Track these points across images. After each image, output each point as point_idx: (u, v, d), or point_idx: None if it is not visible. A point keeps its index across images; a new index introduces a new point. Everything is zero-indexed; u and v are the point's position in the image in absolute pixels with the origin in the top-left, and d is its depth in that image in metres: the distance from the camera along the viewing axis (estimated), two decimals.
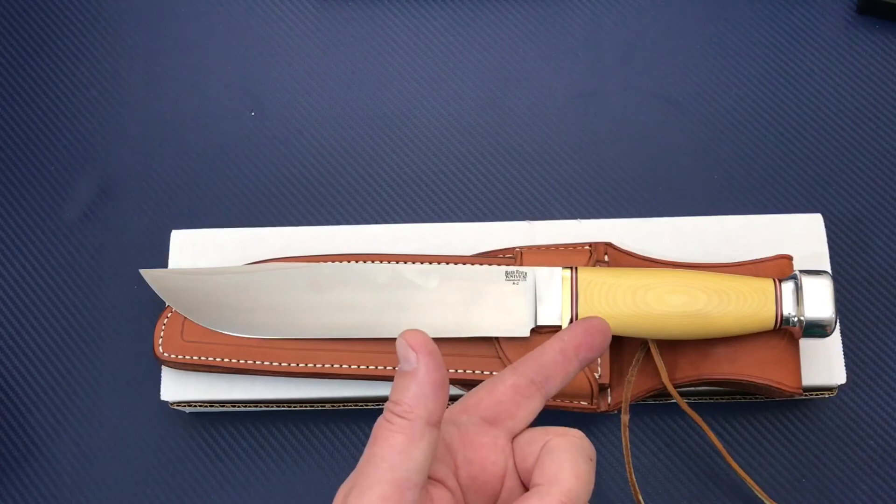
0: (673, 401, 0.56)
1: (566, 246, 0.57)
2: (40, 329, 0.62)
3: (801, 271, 0.53)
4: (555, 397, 0.54)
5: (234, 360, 0.55)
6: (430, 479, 0.36)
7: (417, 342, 0.35)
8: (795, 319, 0.52)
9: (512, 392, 0.38)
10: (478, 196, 0.65)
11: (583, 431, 0.45)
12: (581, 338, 0.39)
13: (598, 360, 0.54)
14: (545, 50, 0.69)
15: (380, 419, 0.35)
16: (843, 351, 0.56)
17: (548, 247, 0.57)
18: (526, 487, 0.37)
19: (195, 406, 0.58)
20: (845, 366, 0.56)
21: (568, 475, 0.35)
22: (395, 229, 0.60)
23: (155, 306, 0.58)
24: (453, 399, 0.58)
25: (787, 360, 0.54)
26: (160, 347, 0.56)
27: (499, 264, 0.56)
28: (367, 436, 0.59)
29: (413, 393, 0.35)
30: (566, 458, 0.36)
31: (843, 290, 0.61)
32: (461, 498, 0.37)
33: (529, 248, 0.57)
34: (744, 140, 0.66)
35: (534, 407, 0.38)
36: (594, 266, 0.55)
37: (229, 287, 0.55)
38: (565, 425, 0.57)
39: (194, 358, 0.55)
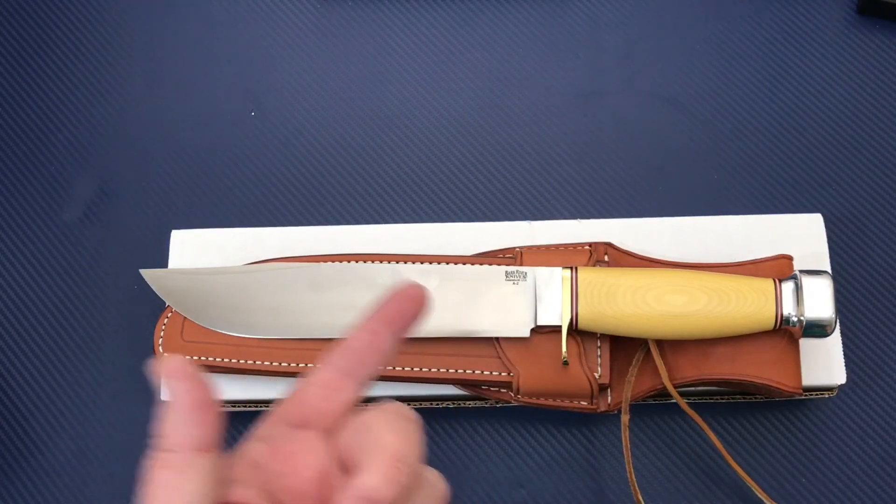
0: (673, 401, 0.55)
1: (566, 246, 0.57)
2: (40, 329, 0.62)
3: (801, 271, 0.53)
4: (555, 397, 0.55)
5: (234, 360, 0.55)
6: (231, 503, 0.34)
7: (170, 368, 0.33)
8: (795, 319, 0.52)
9: (319, 390, 0.36)
10: (478, 196, 0.65)
11: (582, 431, 0.45)
12: (391, 309, 0.37)
13: (598, 359, 0.54)
14: (545, 50, 0.69)
15: (148, 459, 0.33)
16: (843, 351, 0.56)
17: (548, 247, 0.57)
18: None
19: None
20: (845, 366, 0.56)
21: (389, 438, 0.34)
22: (395, 229, 0.60)
23: (155, 306, 0.58)
24: (454, 399, 0.58)
25: (787, 360, 0.54)
26: (160, 347, 0.56)
27: (499, 264, 0.56)
28: None
29: (171, 423, 0.33)
30: (382, 425, 0.34)
31: (843, 290, 0.61)
32: None
33: (529, 248, 0.57)
34: (744, 140, 0.66)
35: (346, 398, 0.36)
36: (594, 266, 0.55)
37: (229, 287, 0.55)
38: (565, 425, 0.57)
39: (194, 358, 0.55)
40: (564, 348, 0.53)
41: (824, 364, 0.56)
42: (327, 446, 0.35)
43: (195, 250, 0.59)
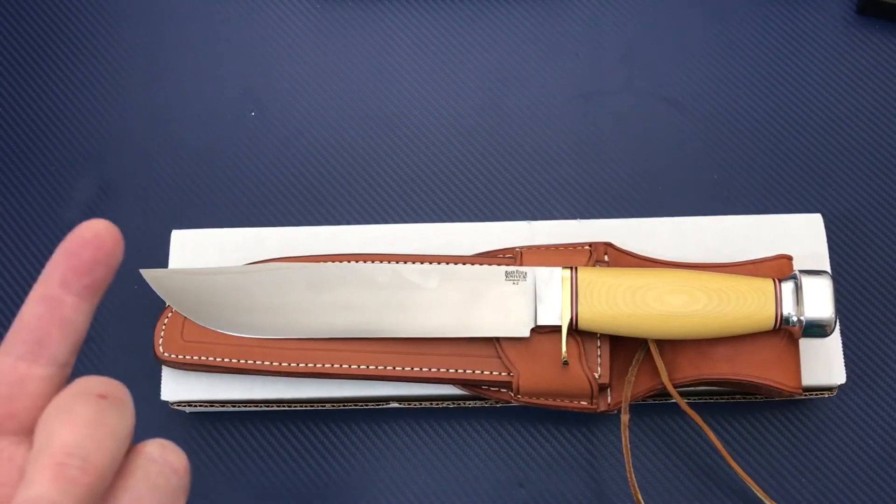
0: (673, 401, 0.56)
1: (566, 246, 0.57)
2: None
3: (800, 271, 0.53)
4: (555, 397, 0.55)
5: (234, 360, 0.55)
6: None
7: None
8: (795, 319, 0.52)
9: None
10: (478, 196, 0.65)
11: (582, 431, 0.44)
12: (63, 264, 0.30)
13: (598, 359, 0.54)
14: (545, 50, 0.69)
15: None
16: (843, 351, 0.56)
17: (548, 247, 0.57)
18: None
19: (195, 406, 0.58)
20: (845, 366, 0.56)
21: (60, 430, 0.27)
22: (395, 229, 0.60)
23: (155, 306, 0.58)
24: (454, 399, 0.58)
25: (787, 360, 0.54)
26: (160, 347, 0.56)
27: (499, 264, 0.56)
28: (367, 436, 0.59)
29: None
30: (55, 415, 0.27)
31: (842, 290, 0.61)
32: None
33: (529, 248, 0.57)
34: (744, 140, 0.66)
35: (35, 388, 0.29)
36: (594, 266, 0.55)
37: (229, 287, 0.55)
38: (565, 425, 0.57)
39: (194, 358, 0.55)
40: (564, 348, 0.53)
41: (824, 364, 0.56)
42: (24, 452, 0.28)
43: (195, 250, 0.59)
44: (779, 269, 0.55)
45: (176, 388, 0.56)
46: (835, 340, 0.56)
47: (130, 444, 0.29)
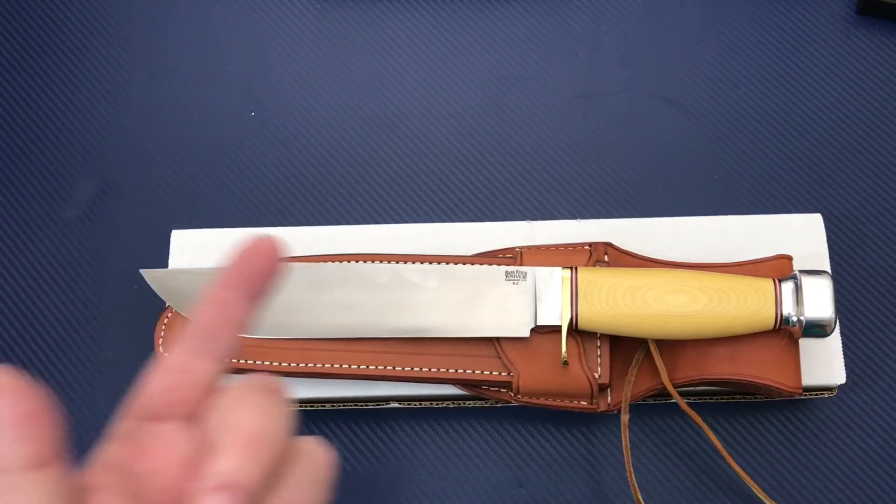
0: (673, 401, 0.55)
1: (566, 246, 0.57)
2: (40, 329, 0.62)
3: (800, 271, 0.53)
4: (555, 397, 0.55)
5: (234, 360, 0.55)
6: None
7: None
8: (795, 319, 0.52)
9: (169, 376, 0.33)
10: (478, 196, 0.65)
11: (582, 431, 0.44)
12: (237, 272, 0.33)
13: (598, 359, 0.54)
14: (545, 50, 0.69)
15: None
16: (843, 351, 0.56)
17: (548, 247, 0.57)
18: None
19: None
20: (845, 366, 0.56)
21: (245, 417, 0.30)
22: (395, 229, 0.60)
23: (155, 306, 0.58)
24: (454, 399, 0.58)
25: (787, 360, 0.54)
26: (160, 347, 0.56)
27: (499, 264, 0.56)
28: (366, 436, 0.59)
29: None
30: (238, 403, 0.31)
31: (842, 290, 0.61)
32: None
33: (529, 248, 0.57)
34: (744, 140, 0.66)
35: (199, 379, 0.32)
36: (594, 266, 0.55)
37: None
38: (565, 425, 0.57)
39: None
40: (564, 348, 0.53)
41: (824, 364, 0.56)
42: (191, 436, 0.32)
43: (195, 250, 0.59)
44: (779, 269, 0.55)
45: None
46: (835, 340, 0.56)
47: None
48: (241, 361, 0.55)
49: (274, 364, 0.55)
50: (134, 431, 0.32)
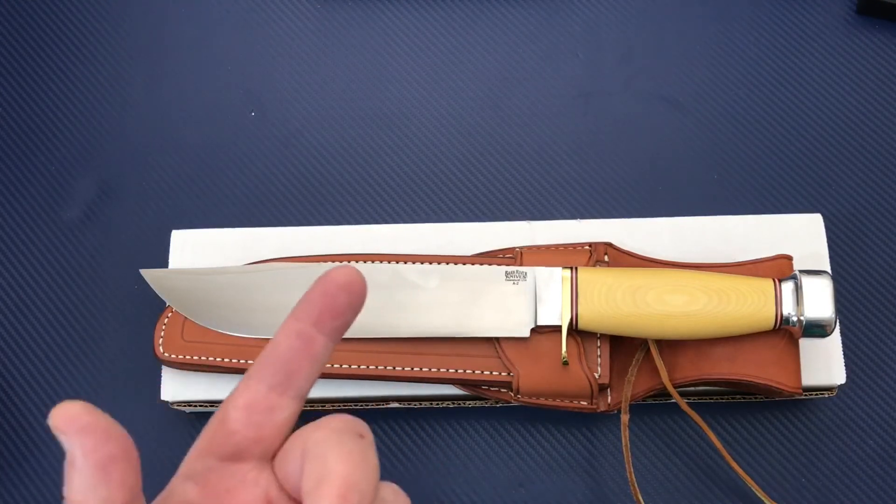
0: (673, 401, 0.56)
1: (566, 246, 0.57)
2: (40, 329, 0.62)
3: (800, 271, 0.53)
4: (555, 397, 0.55)
5: (234, 360, 0.55)
6: None
7: (64, 420, 0.28)
8: (795, 319, 0.52)
9: (246, 414, 0.31)
10: (478, 196, 0.65)
11: (582, 431, 0.44)
12: (319, 305, 0.32)
13: (598, 359, 0.54)
14: (545, 50, 0.69)
15: None
16: (843, 351, 0.56)
17: (548, 247, 0.57)
18: None
19: (195, 406, 0.58)
20: (845, 366, 0.56)
21: (336, 464, 0.29)
22: (395, 229, 0.60)
23: (155, 306, 0.58)
24: (454, 399, 0.58)
25: (787, 360, 0.54)
26: (160, 347, 0.56)
27: (499, 264, 0.56)
28: None
29: (77, 486, 0.29)
30: (328, 449, 0.29)
31: (842, 290, 0.61)
32: None
33: (529, 248, 0.57)
34: (744, 140, 0.66)
35: (282, 418, 0.31)
36: (594, 266, 0.55)
37: (229, 287, 0.55)
38: (565, 425, 0.57)
39: (194, 358, 0.55)
40: (564, 348, 0.53)
41: (824, 364, 0.56)
42: (267, 477, 0.31)
43: (195, 250, 0.59)
44: (779, 269, 0.55)
45: (176, 388, 0.56)
46: (835, 340, 0.56)
47: None
48: (242, 361, 0.55)
49: None
50: (207, 470, 0.31)
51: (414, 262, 0.56)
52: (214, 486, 0.31)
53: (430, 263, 0.56)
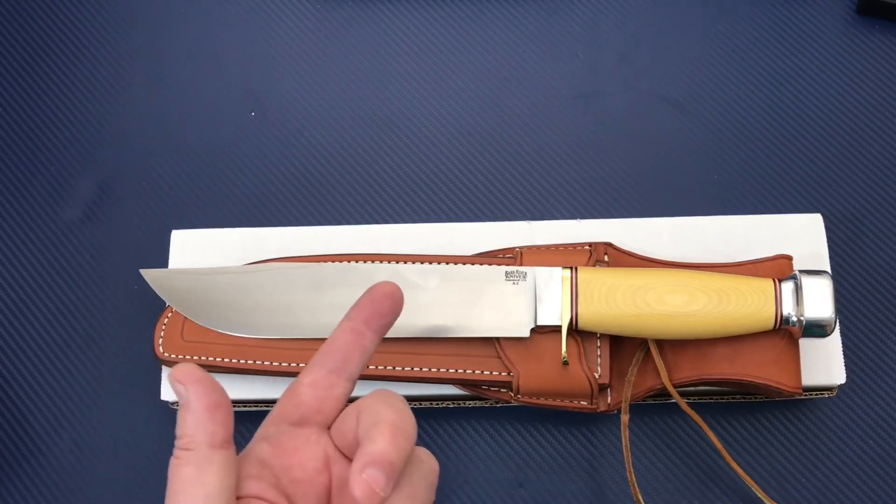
0: (673, 401, 0.56)
1: (566, 246, 0.57)
2: (40, 329, 0.62)
3: (800, 271, 0.53)
4: (555, 397, 0.55)
5: (234, 360, 0.55)
6: (244, 497, 0.37)
7: (182, 374, 0.36)
8: (795, 319, 0.52)
9: (311, 390, 0.39)
10: (478, 196, 0.65)
11: (582, 431, 0.44)
12: (368, 308, 0.40)
13: (598, 359, 0.54)
14: (545, 50, 0.69)
15: (171, 458, 0.36)
16: (843, 351, 0.56)
17: (548, 247, 0.57)
18: None
19: None
20: (845, 366, 0.56)
21: (386, 414, 0.36)
22: (395, 229, 0.60)
23: (155, 306, 0.58)
24: (454, 399, 0.58)
25: (787, 360, 0.54)
26: (160, 347, 0.56)
27: (499, 264, 0.56)
28: None
29: (189, 423, 0.36)
30: (379, 403, 0.37)
31: (842, 290, 0.61)
32: None
33: (529, 248, 0.57)
34: (744, 140, 0.66)
35: (339, 394, 0.39)
36: (594, 266, 0.55)
37: (229, 287, 0.55)
38: (565, 425, 0.57)
39: (194, 358, 0.55)
40: (564, 348, 0.53)
41: (824, 364, 0.56)
42: (325, 440, 0.39)
43: (195, 250, 0.59)
44: (779, 269, 0.55)
45: None
46: (835, 340, 0.56)
47: None
48: (241, 361, 0.55)
49: (274, 364, 0.55)
50: (279, 433, 0.39)
51: (414, 262, 0.56)
52: (284, 445, 0.38)
53: (430, 263, 0.56)
